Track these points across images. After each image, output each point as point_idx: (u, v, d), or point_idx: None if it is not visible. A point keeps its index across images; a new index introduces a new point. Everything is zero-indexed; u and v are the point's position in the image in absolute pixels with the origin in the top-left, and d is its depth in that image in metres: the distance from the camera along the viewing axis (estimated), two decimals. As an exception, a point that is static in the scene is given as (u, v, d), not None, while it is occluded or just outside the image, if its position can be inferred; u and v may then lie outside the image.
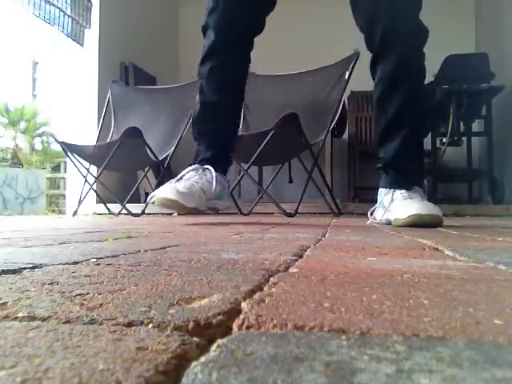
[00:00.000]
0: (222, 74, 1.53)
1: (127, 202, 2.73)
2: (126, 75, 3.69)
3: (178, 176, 1.43)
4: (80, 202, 2.74)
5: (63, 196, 5.58)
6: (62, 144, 2.70)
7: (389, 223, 1.38)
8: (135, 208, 2.66)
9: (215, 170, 1.45)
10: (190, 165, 1.48)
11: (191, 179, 1.40)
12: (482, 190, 3.54)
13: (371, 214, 1.49)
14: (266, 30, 1.56)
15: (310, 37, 4.31)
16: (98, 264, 0.47)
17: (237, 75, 1.58)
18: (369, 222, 1.47)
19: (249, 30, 1.54)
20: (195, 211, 1.35)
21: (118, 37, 3.53)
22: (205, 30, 1.53)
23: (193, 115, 1.58)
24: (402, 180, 1.41)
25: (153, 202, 1.36)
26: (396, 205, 1.35)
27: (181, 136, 2.84)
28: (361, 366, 0.17)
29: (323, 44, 3.93)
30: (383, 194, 1.44)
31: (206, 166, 1.44)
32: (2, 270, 0.41)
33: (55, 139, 2.83)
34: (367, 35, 1.46)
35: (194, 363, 0.18)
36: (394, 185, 1.41)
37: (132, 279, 0.38)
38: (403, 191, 1.37)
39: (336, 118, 2.51)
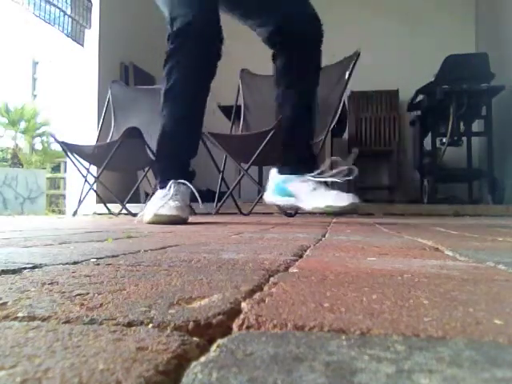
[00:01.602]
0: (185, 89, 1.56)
1: (127, 202, 2.73)
2: (126, 75, 3.69)
3: (160, 195, 1.50)
4: (80, 201, 2.74)
5: (63, 196, 5.58)
6: (62, 144, 2.70)
7: (293, 207, 1.62)
8: (135, 208, 2.66)
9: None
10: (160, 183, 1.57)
11: (178, 194, 1.51)
12: (482, 190, 3.54)
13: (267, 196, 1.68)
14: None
15: (309, 37, 4.30)
16: (98, 264, 0.47)
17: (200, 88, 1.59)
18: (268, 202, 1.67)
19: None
20: (186, 220, 1.49)
21: (118, 37, 3.53)
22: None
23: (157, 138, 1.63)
24: (301, 167, 1.61)
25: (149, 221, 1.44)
26: (306, 192, 1.55)
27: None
28: (361, 365, 0.17)
29: (323, 44, 3.91)
30: (281, 179, 1.62)
31: (179, 181, 1.53)
32: (2, 270, 0.41)
33: (55, 139, 2.83)
34: (263, 31, 1.60)
35: (193, 363, 0.18)
36: (294, 171, 1.61)
37: (132, 279, 0.38)
38: (307, 178, 1.57)
39: (336, 118, 2.50)
